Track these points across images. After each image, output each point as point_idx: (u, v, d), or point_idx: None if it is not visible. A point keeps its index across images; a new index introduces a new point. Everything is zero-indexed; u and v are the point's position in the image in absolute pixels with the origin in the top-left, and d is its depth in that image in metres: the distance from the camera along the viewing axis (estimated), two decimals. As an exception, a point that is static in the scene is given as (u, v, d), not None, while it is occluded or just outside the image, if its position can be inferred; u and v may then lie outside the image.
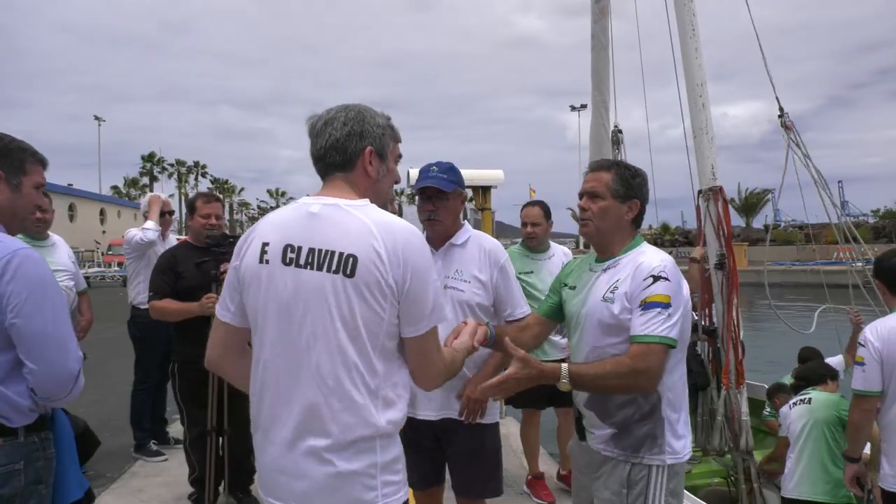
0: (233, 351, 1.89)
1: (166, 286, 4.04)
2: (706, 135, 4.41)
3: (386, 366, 1.73)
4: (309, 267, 1.70)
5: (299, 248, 1.72)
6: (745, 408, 4.38)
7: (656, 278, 2.17)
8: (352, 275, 1.67)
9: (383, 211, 1.80)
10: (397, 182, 1.98)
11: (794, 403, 4.09)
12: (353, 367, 1.68)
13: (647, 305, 2.14)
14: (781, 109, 4.46)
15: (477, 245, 2.88)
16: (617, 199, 2.33)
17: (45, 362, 1.94)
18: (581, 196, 2.40)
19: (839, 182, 58.20)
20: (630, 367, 2.12)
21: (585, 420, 2.39)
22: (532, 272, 4.50)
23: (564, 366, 2.15)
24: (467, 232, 2.93)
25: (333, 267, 1.68)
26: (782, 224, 66.69)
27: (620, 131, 5.02)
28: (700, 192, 4.50)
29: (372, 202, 1.81)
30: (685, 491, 3.69)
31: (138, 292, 5.33)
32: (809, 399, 4.04)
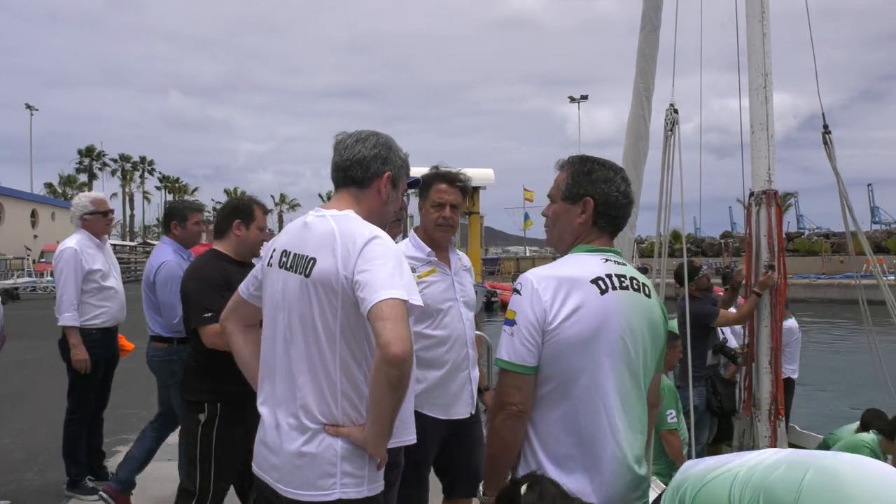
0: (238, 317, 2.54)
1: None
2: (766, 131, 4.43)
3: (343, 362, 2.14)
4: (292, 270, 2.22)
5: (289, 253, 2.26)
6: (784, 444, 4.40)
7: (513, 291, 2.21)
8: (308, 275, 2.16)
9: (355, 219, 2.22)
10: (399, 210, 2.53)
11: None
12: (309, 361, 2.17)
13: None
14: (826, 126, 4.53)
15: None
16: (567, 200, 2.31)
17: None
18: None
19: (868, 185, 58.89)
20: (490, 409, 2.19)
21: None
22: None
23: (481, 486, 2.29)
24: None
25: (300, 268, 2.19)
26: (806, 232, 67.64)
27: (676, 111, 4.99)
28: (752, 194, 4.54)
29: (375, 221, 2.27)
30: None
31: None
32: None
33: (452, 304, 3.49)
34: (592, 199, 2.26)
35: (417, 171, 4.25)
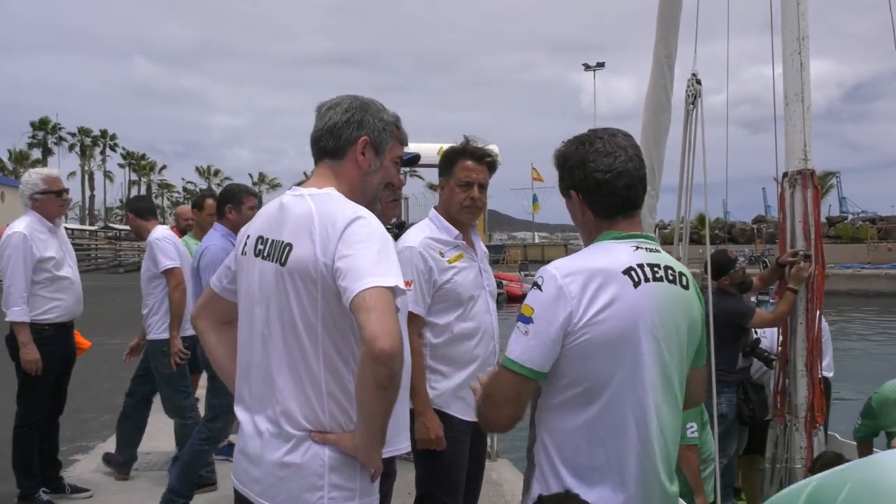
0: (210, 313, 2.52)
1: None
2: (801, 102, 4.39)
3: (326, 359, 2.13)
4: (268, 258, 2.21)
5: (265, 240, 2.25)
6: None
7: (533, 285, 2.22)
8: (284, 263, 2.15)
9: (337, 198, 2.20)
10: (394, 184, 2.50)
11: None
12: (290, 359, 2.14)
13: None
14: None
15: None
16: (565, 196, 2.33)
17: None
18: None
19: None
20: (481, 401, 2.27)
21: None
22: None
23: None
24: None
25: (276, 256, 2.19)
26: (850, 217, 67.65)
27: (699, 81, 4.95)
28: (785, 174, 4.52)
29: (359, 197, 2.26)
30: None
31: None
32: None
33: (480, 293, 3.53)
34: (575, 191, 2.27)
35: (417, 148, 4.24)
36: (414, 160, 3.49)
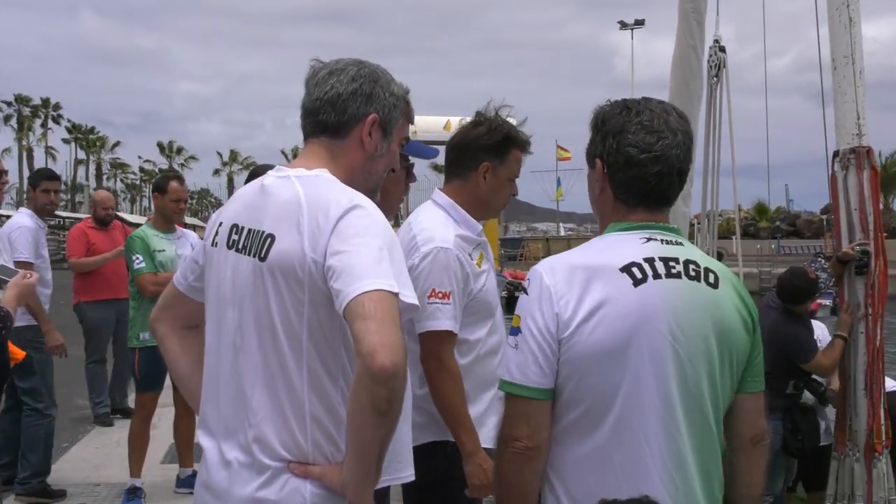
0: (172, 315, 2.51)
1: None
2: (852, 65, 4.38)
3: (311, 375, 2.09)
4: (244, 251, 2.17)
5: (242, 229, 2.20)
6: (890, 484, 4.42)
7: (520, 290, 2.24)
8: (264, 258, 2.11)
9: (330, 182, 2.15)
10: (394, 170, 2.48)
11: None
12: (267, 375, 2.11)
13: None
14: None
15: None
16: (589, 164, 2.33)
17: None
18: None
19: None
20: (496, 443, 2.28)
21: None
22: None
23: None
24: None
25: (254, 249, 2.14)
26: (937, 206, 67.23)
27: (723, 49, 4.92)
28: (836, 154, 4.52)
29: (359, 184, 2.22)
30: None
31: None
32: None
33: (497, 299, 3.53)
34: (600, 160, 2.24)
35: (420, 121, 4.24)
36: (431, 155, 3.46)
